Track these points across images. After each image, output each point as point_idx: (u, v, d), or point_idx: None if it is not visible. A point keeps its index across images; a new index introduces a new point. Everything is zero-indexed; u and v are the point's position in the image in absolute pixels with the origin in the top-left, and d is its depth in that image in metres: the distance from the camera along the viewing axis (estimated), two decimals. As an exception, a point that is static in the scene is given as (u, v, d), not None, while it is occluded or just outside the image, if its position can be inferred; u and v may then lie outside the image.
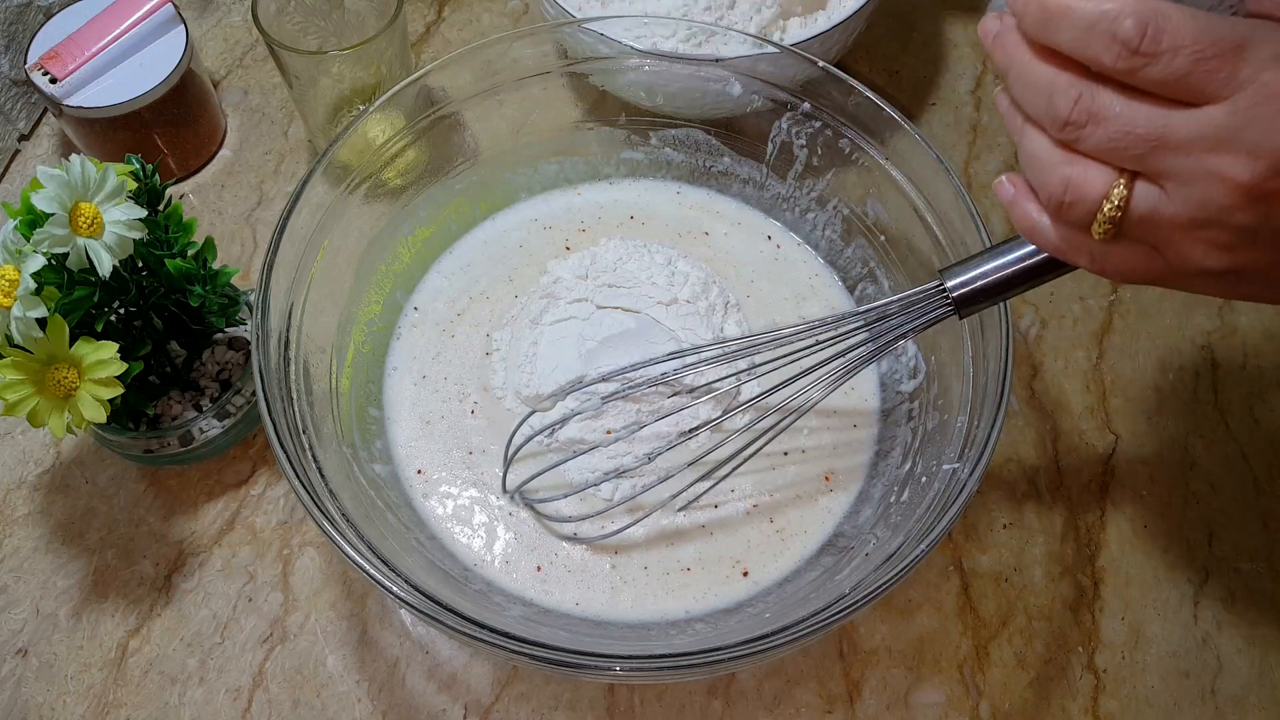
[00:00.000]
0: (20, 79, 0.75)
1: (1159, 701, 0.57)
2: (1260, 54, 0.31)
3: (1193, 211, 0.33)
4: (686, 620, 0.55)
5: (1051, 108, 0.35)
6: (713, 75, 0.65)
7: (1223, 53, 0.31)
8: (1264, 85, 0.31)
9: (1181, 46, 0.32)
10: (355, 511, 0.50)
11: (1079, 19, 0.34)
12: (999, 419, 0.49)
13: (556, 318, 0.62)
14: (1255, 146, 0.32)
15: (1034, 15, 0.35)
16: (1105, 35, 0.33)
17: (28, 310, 0.47)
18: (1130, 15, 0.32)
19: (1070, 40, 0.34)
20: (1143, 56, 0.32)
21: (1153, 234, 0.35)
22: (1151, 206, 0.34)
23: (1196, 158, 0.33)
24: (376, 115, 0.60)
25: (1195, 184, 0.33)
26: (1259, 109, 0.31)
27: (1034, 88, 0.36)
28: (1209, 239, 0.34)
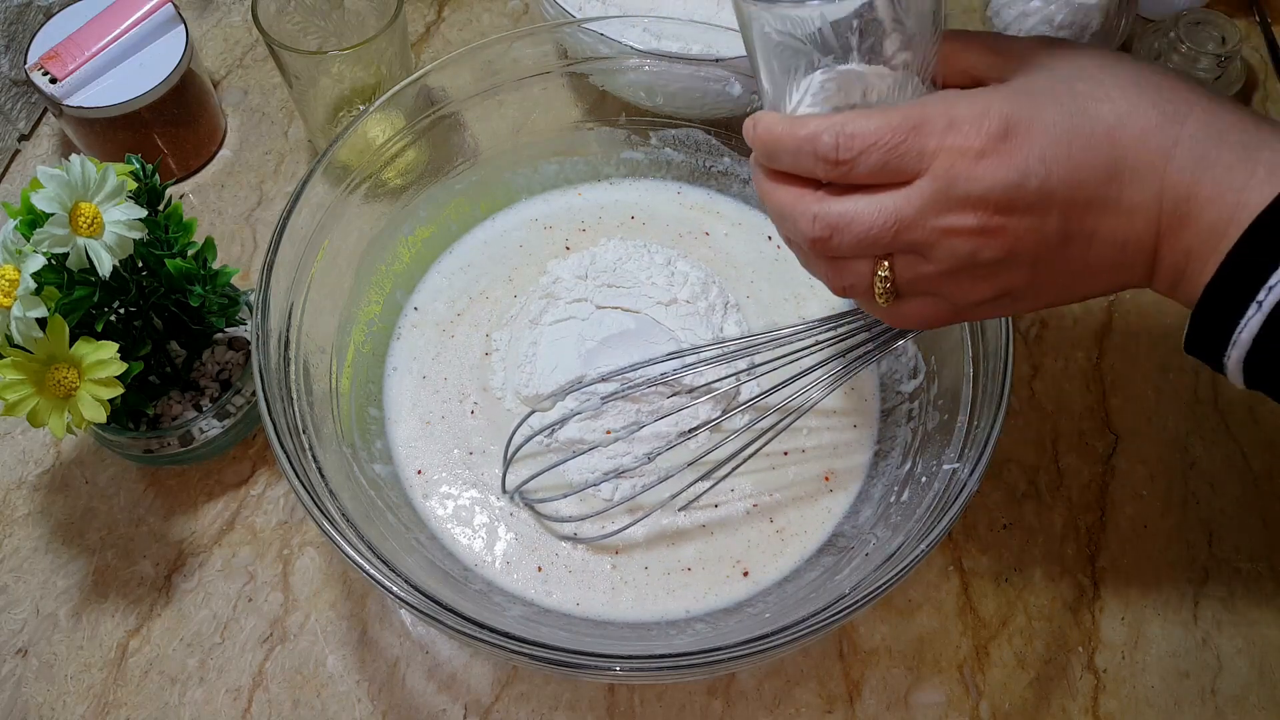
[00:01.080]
0: (20, 79, 0.75)
1: (1159, 701, 0.57)
2: (936, 126, 0.37)
3: (949, 263, 0.38)
4: (686, 620, 0.55)
5: (798, 230, 0.40)
6: (713, 75, 0.65)
7: (905, 136, 0.37)
8: (949, 149, 0.36)
9: (871, 145, 0.37)
10: (355, 511, 0.50)
11: (788, 146, 0.39)
12: (999, 419, 0.49)
13: (556, 318, 0.62)
14: (966, 197, 0.37)
15: (759, 149, 0.41)
16: (810, 155, 0.38)
17: (28, 310, 0.47)
18: (823, 132, 0.38)
19: (790, 164, 0.40)
20: (845, 164, 0.38)
21: (927, 287, 0.40)
22: (914, 271, 0.39)
23: (930, 224, 0.37)
24: (376, 115, 0.60)
25: (940, 244, 0.38)
26: (954, 168, 0.36)
27: (780, 214, 0.42)
28: (971, 277, 0.39)
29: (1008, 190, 0.36)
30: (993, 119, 0.36)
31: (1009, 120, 0.36)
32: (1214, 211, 0.36)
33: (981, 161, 0.36)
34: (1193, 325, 0.38)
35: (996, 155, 0.36)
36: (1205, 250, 0.36)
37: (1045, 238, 0.37)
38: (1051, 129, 0.36)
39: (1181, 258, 0.37)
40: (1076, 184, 0.36)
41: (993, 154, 0.36)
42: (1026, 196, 0.36)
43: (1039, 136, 0.36)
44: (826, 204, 0.39)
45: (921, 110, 0.37)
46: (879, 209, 0.38)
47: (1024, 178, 0.36)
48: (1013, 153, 0.36)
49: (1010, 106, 0.37)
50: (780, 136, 0.40)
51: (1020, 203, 0.36)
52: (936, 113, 0.37)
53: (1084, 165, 0.36)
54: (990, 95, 0.37)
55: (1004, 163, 0.36)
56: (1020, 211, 0.37)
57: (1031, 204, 0.36)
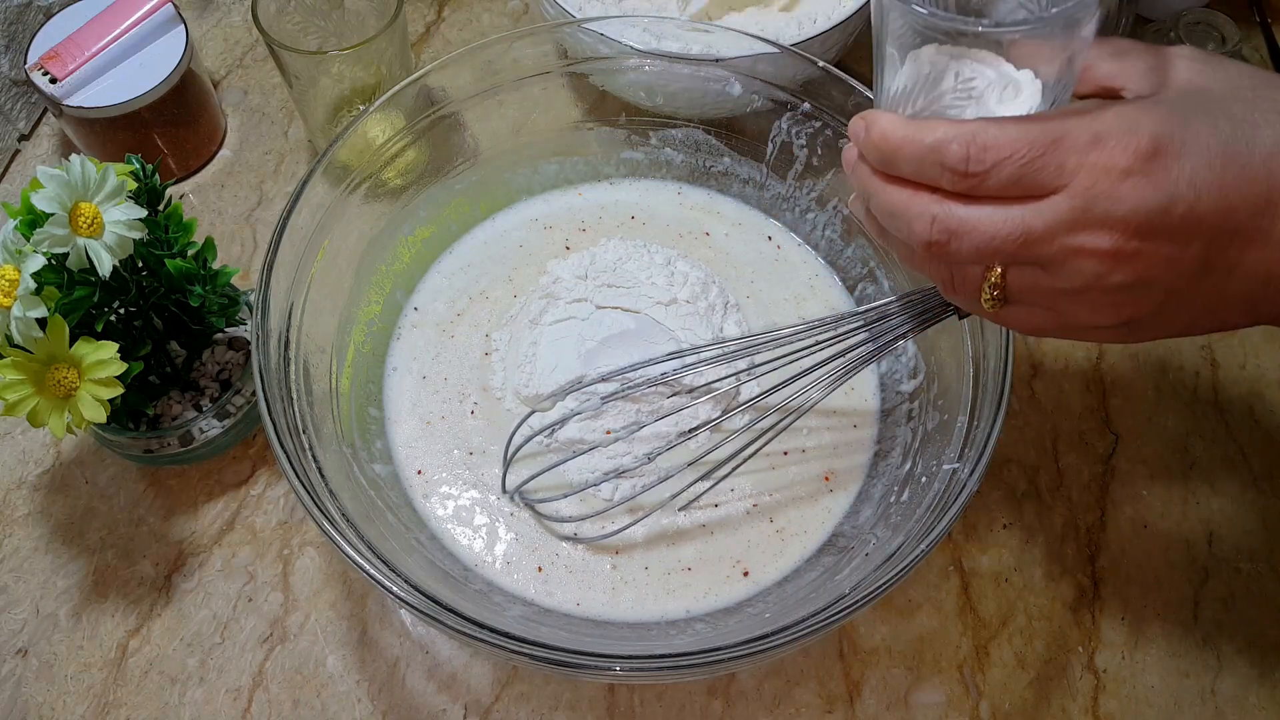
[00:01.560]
0: (20, 79, 0.75)
1: (1159, 701, 0.57)
2: (1078, 141, 0.34)
3: (1073, 283, 0.36)
4: (687, 620, 0.55)
5: (911, 232, 0.38)
6: (713, 75, 0.65)
7: (1043, 151, 0.34)
8: (1091, 166, 0.34)
9: (1005, 158, 0.34)
10: (355, 511, 0.50)
11: (910, 154, 0.36)
12: (999, 419, 0.49)
13: (556, 318, 0.62)
14: (1105, 217, 0.34)
15: (874, 153, 0.38)
16: (936, 165, 0.36)
17: (28, 310, 0.47)
18: (953, 141, 0.35)
19: (910, 172, 0.37)
20: (974, 177, 0.35)
21: (1041, 300, 0.38)
22: (1031, 283, 0.37)
23: (1060, 242, 0.35)
24: (376, 115, 0.60)
25: (1067, 262, 0.35)
26: (1096, 187, 0.34)
27: (891, 214, 0.39)
28: (1094, 300, 0.37)
29: (1151, 214, 0.34)
30: (1141, 136, 0.34)
31: (1158, 140, 0.34)
32: None
33: (1126, 181, 0.34)
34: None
35: (1143, 176, 0.34)
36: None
37: (1183, 268, 0.35)
38: (1204, 152, 0.34)
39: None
40: (1226, 212, 0.34)
41: (1139, 174, 0.34)
42: (1171, 222, 0.34)
43: (1190, 160, 0.34)
44: (947, 208, 0.36)
45: (1063, 123, 0.35)
46: (1005, 219, 0.35)
47: (1171, 202, 0.34)
48: (1161, 175, 0.34)
49: (1162, 125, 0.34)
50: (900, 143, 0.37)
51: (1163, 228, 0.34)
52: (1078, 126, 0.34)
53: (1236, 194, 0.34)
54: (1139, 111, 0.35)
55: (1150, 185, 0.34)
56: (1161, 238, 0.34)
57: (1175, 231, 0.34)
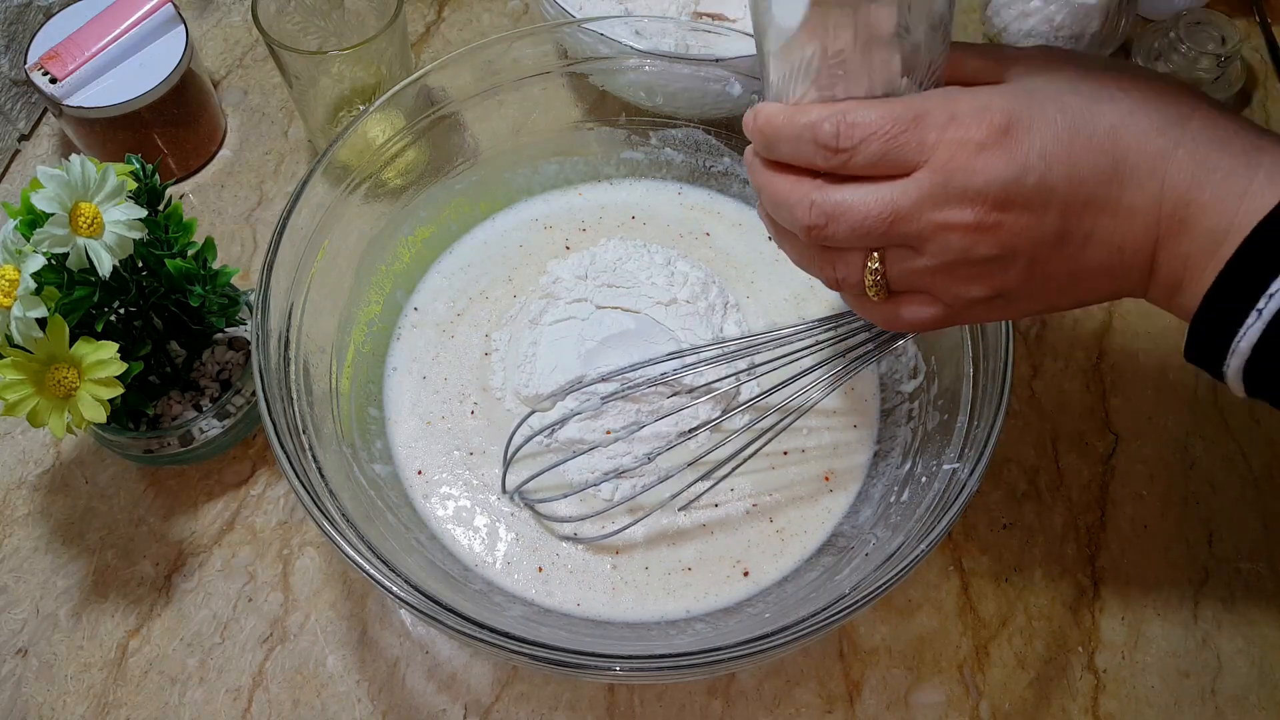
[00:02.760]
0: (20, 79, 0.75)
1: (1159, 701, 0.57)
2: (937, 119, 0.37)
3: (942, 258, 0.38)
4: (687, 620, 0.55)
5: (794, 218, 0.40)
6: (713, 75, 0.65)
7: (906, 128, 0.37)
8: (949, 142, 0.36)
9: (871, 134, 0.37)
10: (355, 511, 0.50)
11: (788, 134, 0.39)
12: (999, 419, 0.49)
13: (556, 318, 0.62)
14: (964, 190, 0.36)
15: (759, 138, 0.41)
16: (810, 143, 0.39)
17: (28, 310, 0.47)
18: (824, 120, 0.38)
19: (789, 153, 0.40)
20: (844, 152, 0.38)
21: (919, 282, 0.40)
22: (907, 265, 0.39)
23: (926, 218, 0.37)
24: (376, 115, 0.60)
25: (935, 238, 0.38)
26: (953, 162, 0.36)
27: (776, 202, 0.41)
28: (965, 275, 0.39)
29: (1006, 185, 0.36)
30: (994, 113, 0.36)
31: (1011, 115, 0.36)
32: (1213, 218, 0.35)
33: (981, 155, 0.36)
34: (1192, 333, 0.38)
35: (997, 149, 0.36)
36: (1204, 257, 0.36)
37: (1042, 236, 0.37)
38: (1052, 126, 0.36)
39: (1179, 265, 0.37)
40: (1076, 182, 0.36)
41: (993, 148, 0.36)
42: (1025, 192, 0.36)
43: (1040, 133, 0.36)
44: (824, 192, 0.39)
45: (923, 103, 0.37)
46: (876, 198, 0.38)
47: (1023, 173, 0.36)
48: (1013, 148, 0.36)
49: (1012, 103, 0.37)
50: (780, 125, 0.40)
51: (1018, 199, 0.36)
52: (938, 106, 0.37)
53: (1084, 164, 0.36)
54: (992, 92, 0.38)
55: (1003, 157, 0.36)
56: (1018, 208, 0.37)
57: (1029, 200, 0.36)
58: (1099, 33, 0.76)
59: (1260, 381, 0.36)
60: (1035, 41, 0.78)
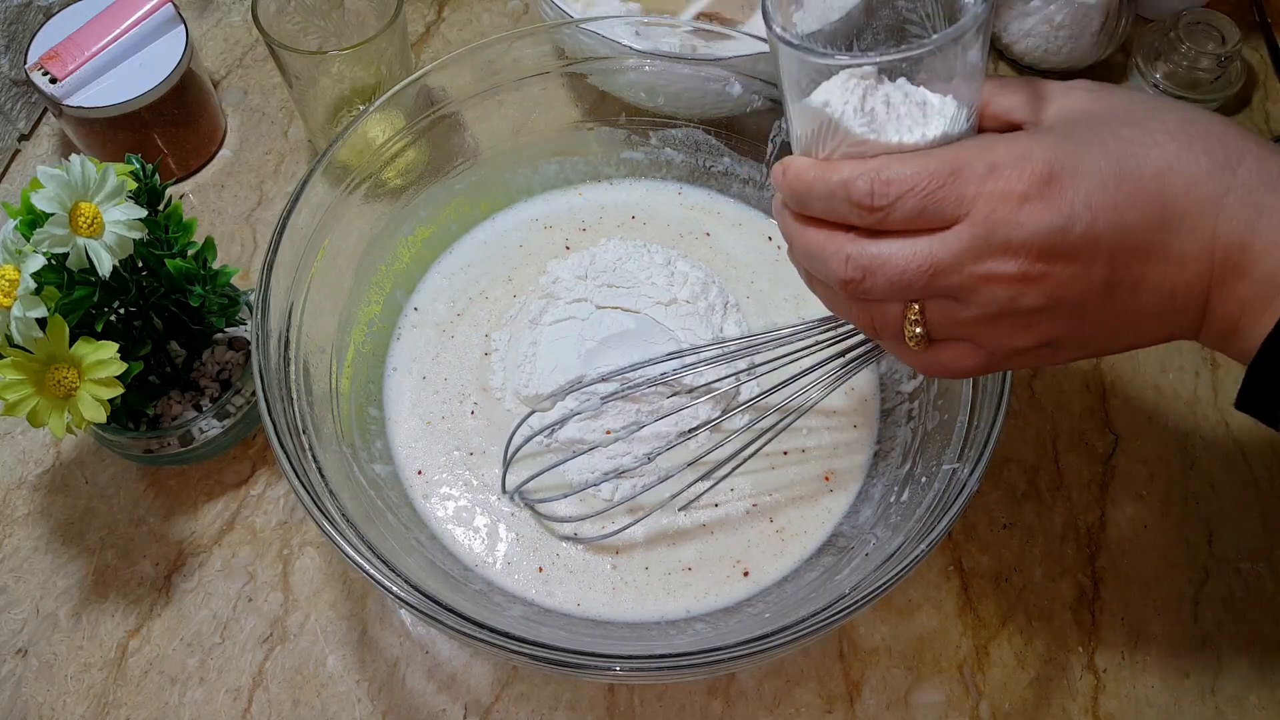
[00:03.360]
0: (20, 79, 0.75)
1: (1159, 701, 0.57)
2: (975, 171, 0.35)
3: (986, 309, 0.37)
4: (687, 620, 0.55)
5: (829, 271, 0.39)
6: (713, 75, 0.65)
7: (943, 182, 0.36)
8: (989, 195, 0.35)
9: (908, 191, 0.36)
10: (355, 511, 0.50)
11: (820, 192, 0.38)
12: (999, 419, 0.49)
13: (556, 318, 0.62)
14: (1007, 243, 0.35)
15: (789, 194, 0.40)
16: (844, 201, 0.37)
17: (28, 310, 0.47)
18: (858, 178, 0.37)
19: (822, 210, 0.39)
20: (880, 210, 0.37)
21: (961, 332, 0.39)
22: (949, 316, 0.38)
23: (968, 270, 0.36)
24: (376, 115, 0.60)
25: (978, 290, 0.37)
26: (995, 214, 0.35)
27: (809, 255, 0.40)
28: (1011, 325, 0.38)
29: (1051, 236, 0.35)
30: (1035, 163, 0.35)
31: (1052, 165, 0.35)
32: (1270, 262, 0.34)
33: (1024, 207, 0.35)
34: (1249, 379, 0.37)
35: (1040, 200, 0.35)
36: (1260, 302, 0.35)
37: (1090, 286, 0.36)
38: (1097, 174, 0.35)
39: (1235, 309, 0.36)
40: (1123, 231, 0.35)
41: (1036, 199, 0.35)
42: (1071, 243, 0.35)
43: (1084, 182, 0.35)
44: (860, 245, 0.38)
45: (959, 154, 0.36)
46: (914, 252, 0.37)
47: (1069, 223, 0.35)
48: (1057, 198, 0.35)
49: (1053, 151, 0.35)
50: (811, 182, 0.38)
51: (1064, 249, 0.35)
52: (975, 157, 0.36)
53: (1131, 212, 0.35)
54: (1031, 139, 0.36)
55: (1047, 208, 0.35)
56: (1064, 259, 0.35)
57: (1076, 251, 0.35)
58: (1099, 32, 0.76)
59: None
60: (1035, 41, 0.78)
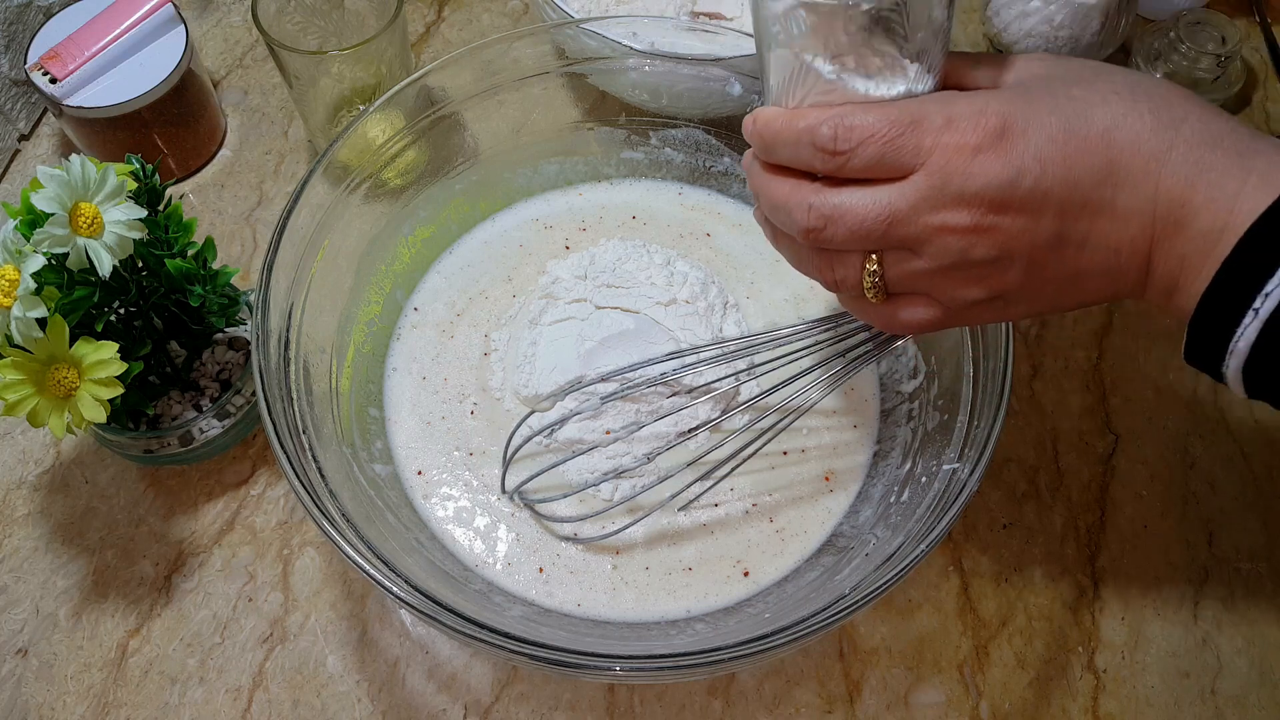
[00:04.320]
0: (20, 79, 0.75)
1: (1159, 701, 0.57)
2: (933, 123, 0.37)
3: (940, 260, 0.39)
4: (687, 620, 0.55)
5: (793, 221, 0.41)
6: (713, 75, 0.65)
7: (903, 131, 0.37)
8: (945, 146, 0.37)
9: (868, 137, 0.37)
10: (355, 511, 0.50)
11: (786, 137, 0.40)
12: (999, 419, 0.49)
13: (555, 318, 0.62)
14: (960, 194, 0.37)
15: (758, 142, 0.42)
16: (809, 146, 0.39)
17: (28, 310, 0.47)
18: (822, 123, 0.38)
19: (788, 156, 0.41)
20: (842, 155, 0.38)
21: (917, 285, 0.40)
22: (905, 268, 0.40)
23: (923, 220, 0.38)
24: (376, 115, 0.60)
25: (932, 240, 0.38)
26: (950, 165, 0.37)
27: (775, 206, 0.42)
28: (963, 277, 0.39)
29: (1002, 188, 0.36)
30: (989, 117, 0.37)
31: (1005, 119, 0.37)
32: (1208, 218, 0.36)
33: (976, 158, 0.36)
34: (1190, 334, 0.38)
35: (992, 152, 0.36)
36: (1200, 258, 0.36)
37: (1038, 238, 0.37)
38: (1047, 128, 0.36)
39: (1175, 265, 0.37)
40: (1071, 184, 0.36)
41: (988, 151, 0.36)
42: (1020, 195, 0.36)
43: (1034, 136, 0.36)
44: (822, 195, 0.39)
45: (920, 107, 0.38)
46: (873, 201, 0.38)
47: (1018, 176, 0.36)
48: (1008, 151, 0.36)
49: (1007, 106, 0.37)
50: (779, 129, 0.40)
51: (1014, 201, 0.37)
52: (934, 110, 0.37)
53: (1078, 166, 0.36)
54: (988, 96, 0.38)
55: (999, 160, 0.36)
56: (1014, 210, 0.37)
57: (1025, 203, 0.37)
58: (1099, 33, 0.76)
59: (1259, 381, 0.36)
60: (1035, 42, 0.78)
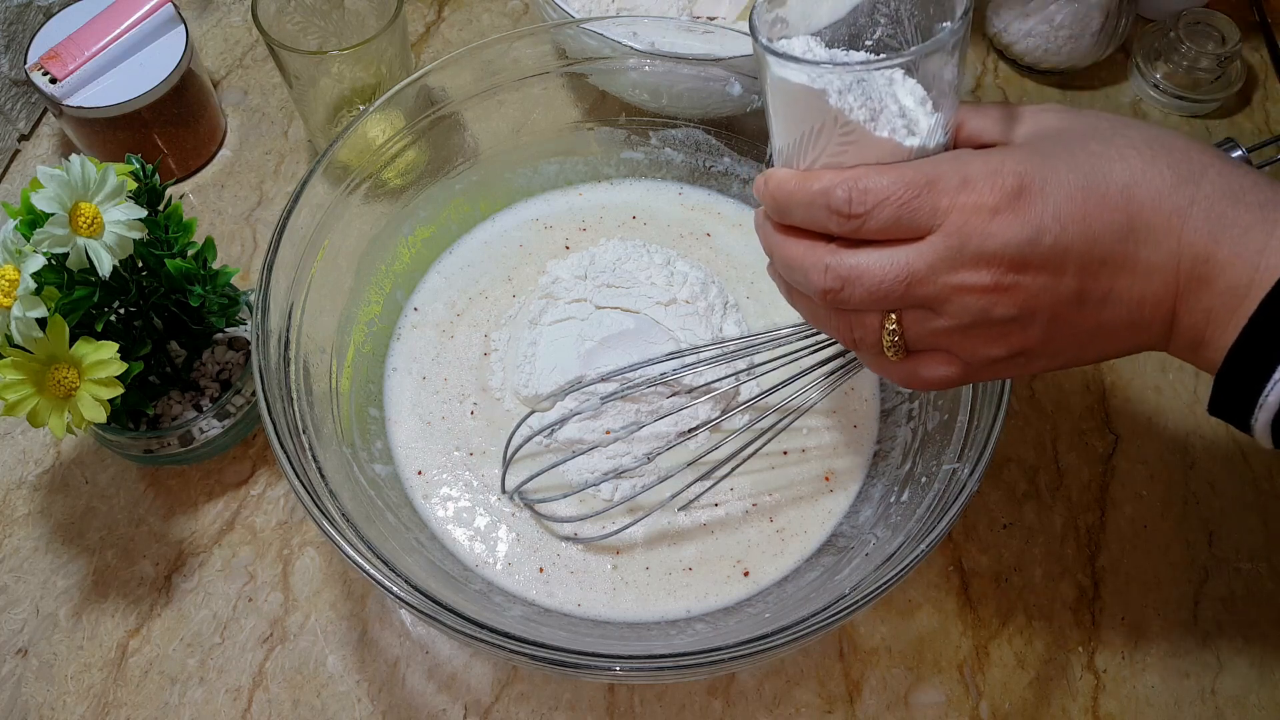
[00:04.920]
0: (20, 79, 0.75)
1: (1159, 701, 0.57)
2: (949, 183, 0.37)
3: (961, 319, 0.38)
4: (687, 620, 0.55)
5: (809, 282, 0.40)
6: (713, 75, 0.65)
7: (919, 193, 0.37)
8: (963, 207, 0.36)
9: (884, 199, 0.37)
10: (355, 511, 0.50)
11: (800, 200, 0.39)
12: (999, 419, 0.49)
13: (555, 318, 0.62)
14: (979, 254, 0.36)
15: (771, 203, 0.41)
16: (823, 209, 0.39)
17: (28, 310, 0.47)
18: (837, 186, 0.38)
19: (802, 218, 0.40)
20: (858, 218, 0.38)
21: (938, 342, 0.40)
22: (925, 326, 0.39)
23: (943, 280, 0.37)
24: (376, 115, 0.60)
25: (951, 300, 0.38)
26: (967, 226, 0.36)
27: (790, 266, 0.42)
28: (985, 335, 0.39)
29: (1021, 248, 0.36)
30: (1006, 176, 0.36)
31: (1023, 178, 0.36)
32: (1234, 273, 0.35)
33: (995, 219, 0.36)
34: (1218, 387, 0.37)
35: (1010, 212, 0.36)
36: (1226, 312, 0.36)
37: (1060, 296, 0.37)
38: (1065, 187, 0.36)
39: (1201, 319, 0.37)
40: (1091, 242, 0.36)
41: (1007, 211, 0.36)
42: (1040, 253, 0.36)
43: (1052, 194, 0.36)
44: (838, 256, 0.39)
45: (935, 167, 0.37)
46: (891, 262, 0.38)
47: (1038, 234, 0.36)
48: (1027, 210, 0.36)
49: (1024, 165, 0.37)
50: (793, 190, 0.40)
51: (1034, 260, 0.36)
52: (950, 170, 0.37)
53: (1098, 223, 0.36)
54: (1004, 154, 0.38)
55: (1018, 220, 0.36)
56: (1034, 269, 0.37)
57: (1045, 261, 0.36)
58: (1099, 33, 0.76)
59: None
60: (1035, 41, 0.78)
